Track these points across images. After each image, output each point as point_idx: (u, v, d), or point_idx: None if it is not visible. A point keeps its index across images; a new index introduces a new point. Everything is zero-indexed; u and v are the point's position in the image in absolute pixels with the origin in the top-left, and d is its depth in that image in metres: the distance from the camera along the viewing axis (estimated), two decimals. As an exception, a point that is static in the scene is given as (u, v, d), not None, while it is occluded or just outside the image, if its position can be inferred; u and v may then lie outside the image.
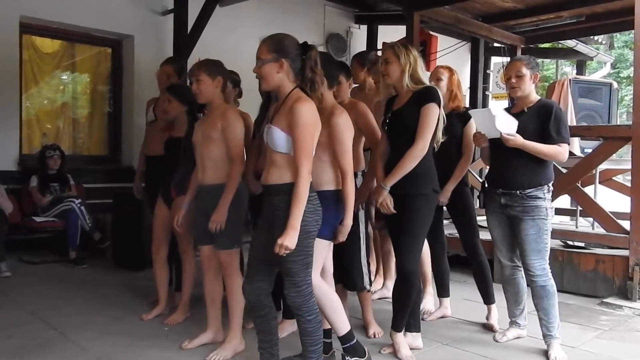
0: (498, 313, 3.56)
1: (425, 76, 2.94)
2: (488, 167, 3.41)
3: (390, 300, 4.02)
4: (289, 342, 3.05)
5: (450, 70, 3.62)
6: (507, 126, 2.98)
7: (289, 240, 2.25)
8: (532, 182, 3.03)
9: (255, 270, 2.51)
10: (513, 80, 3.10)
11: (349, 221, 2.62)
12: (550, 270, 3.10)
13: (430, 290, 3.85)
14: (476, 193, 4.88)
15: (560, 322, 3.64)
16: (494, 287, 3.61)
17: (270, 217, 2.41)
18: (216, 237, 2.91)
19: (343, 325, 2.70)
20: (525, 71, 3.07)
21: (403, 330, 3.01)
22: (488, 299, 3.59)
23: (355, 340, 2.73)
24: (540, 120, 3.03)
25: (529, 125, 3.04)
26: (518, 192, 3.05)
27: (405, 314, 2.99)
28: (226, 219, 2.87)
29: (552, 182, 3.12)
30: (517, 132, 3.00)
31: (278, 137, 2.34)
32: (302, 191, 2.29)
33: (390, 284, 4.17)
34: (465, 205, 3.57)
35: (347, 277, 3.17)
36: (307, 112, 2.32)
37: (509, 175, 3.08)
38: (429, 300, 3.80)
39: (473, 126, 3.34)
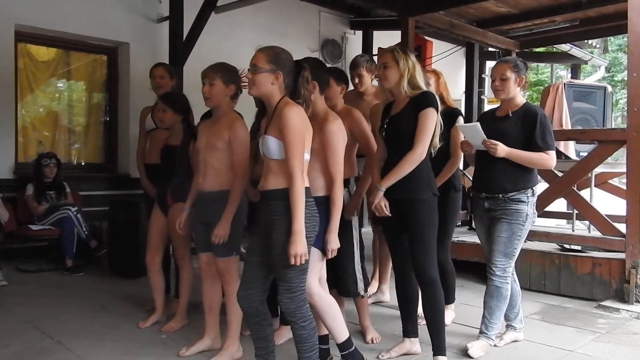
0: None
1: (422, 82, 2.93)
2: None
3: (387, 304, 4.07)
4: (286, 348, 3.04)
5: (437, 74, 3.64)
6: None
7: (299, 246, 2.26)
8: (515, 186, 3.05)
9: (249, 277, 2.51)
10: (497, 82, 3.11)
11: (334, 227, 2.61)
12: (510, 276, 3.13)
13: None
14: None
15: (557, 326, 3.66)
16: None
17: (267, 222, 2.42)
18: (215, 244, 2.90)
19: (342, 332, 2.69)
20: (510, 74, 3.08)
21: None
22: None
23: (353, 348, 2.72)
24: (523, 126, 3.04)
25: (512, 130, 3.05)
26: (501, 196, 3.07)
27: (443, 330, 2.90)
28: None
29: (536, 185, 3.13)
30: (500, 136, 3.02)
31: (272, 145, 2.37)
32: (299, 192, 2.30)
33: (386, 288, 4.18)
34: (444, 213, 3.38)
35: (341, 283, 3.16)
36: (295, 116, 2.35)
37: (492, 180, 3.10)
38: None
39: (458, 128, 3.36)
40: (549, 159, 3.02)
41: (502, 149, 2.99)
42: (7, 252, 5.03)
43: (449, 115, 3.46)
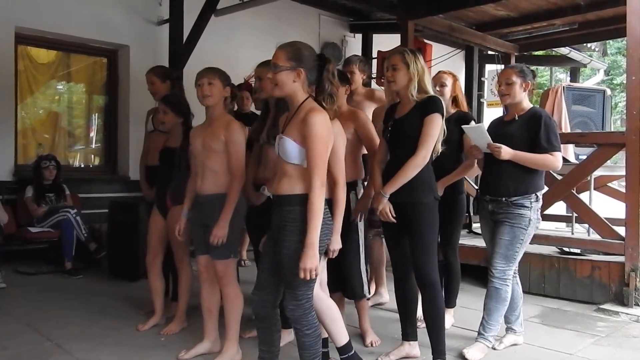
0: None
1: (430, 85, 2.92)
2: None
3: (386, 307, 4.07)
4: (286, 351, 3.04)
5: (453, 76, 3.65)
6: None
7: (310, 261, 2.21)
8: (518, 189, 3.06)
9: (263, 282, 2.49)
10: (503, 87, 3.14)
11: (337, 227, 2.58)
12: (510, 279, 3.12)
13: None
14: (471, 200, 4.90)
15: (557, 329, 3.66)
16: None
17: (278, 228, 2.38)
18: (212, 247, 2.91)
19: (342, 335, 2.68)
20: (516, 79, 3.10)
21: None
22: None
23: (353, 351, 2.71)
24: (528, 129, 3.06)
25: (518, 133, 3.07)
26: (504, 199, 3.08)
27: (443, 333, 2.89)
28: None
29: (541, 191, 3.13)
30: (506, 140, 3.03)
31: (290, 147, 2.31)
32: (318, 204, 2.24)
33: (383, 290, 4.18)
34: (450, 215, 3.42)
35: (347, 285, 3.16)
36: (322, 124, 2.27)
37: (496, 182, 3.11)
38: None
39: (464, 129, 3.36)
40: (554, 160, 3.03)
41: (506, 152, 3.00)
42: (6, 255, 5.01)
43: (462, 119, 3.46)
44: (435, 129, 2.81)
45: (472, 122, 3.50)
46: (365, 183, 3.27)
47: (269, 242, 2.49)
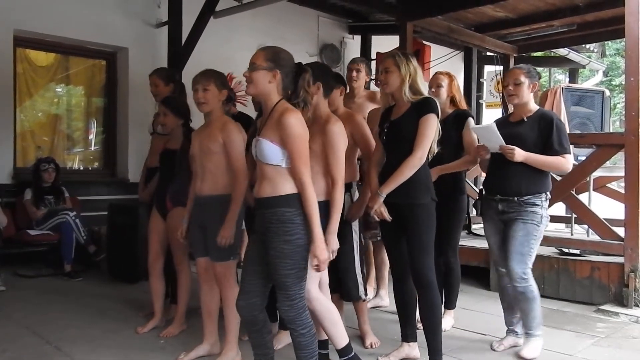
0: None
1: (424, 87, 2.94)
2: (485, 175, 3.42)
3: (385, 309, 4.06)
4: (285, 353, 3.04)
5: (450, 76, 3.66)
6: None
7: (321, 253, 2.31)
8: (530, 189, 3.07)
9: (248, 285, 2.49)
10: (511, 87, 3.14)
11: (333, 228, 2.57)
12: (531, 276, 3.11)
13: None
14: (472, 201, 4.89)
15: (557, 330, 3.66)
16: (491, 295, 3.60)
17: (263, 230, 2.40)
18: (212, 248, 2.91)
19: (342, 338, 2.68)
20: (524, 79, 3.11)
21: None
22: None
23: (353, 353, 2.71)
24: (540, 131, 3.06)
25: (530, 135, 3.08)
26: (516, 198, 3.08)
27: (439, 334, 2.90)
28: None
29: (550, 190, 3.14)
30: (517, 141, 3.04)
31: (268, 149, 2.34)
32: (312, 199, 2.31)
33: (384, 292, 4.18)
34: (450, 215, 3.42)
35: (343, 287, 3.16)
36: (298, 123, 2.32)
37: (507, 182, 3.11)
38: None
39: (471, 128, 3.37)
40: (565, 162, 3.05)
41: (519, 154, 3.00)
42: (5, 258, 5.01)
43: (460, 117, 3.48)
44: (431, 129, 2.82)
45: (470, 119, 3.51)
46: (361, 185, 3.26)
47: (253, 245, 2.50)
